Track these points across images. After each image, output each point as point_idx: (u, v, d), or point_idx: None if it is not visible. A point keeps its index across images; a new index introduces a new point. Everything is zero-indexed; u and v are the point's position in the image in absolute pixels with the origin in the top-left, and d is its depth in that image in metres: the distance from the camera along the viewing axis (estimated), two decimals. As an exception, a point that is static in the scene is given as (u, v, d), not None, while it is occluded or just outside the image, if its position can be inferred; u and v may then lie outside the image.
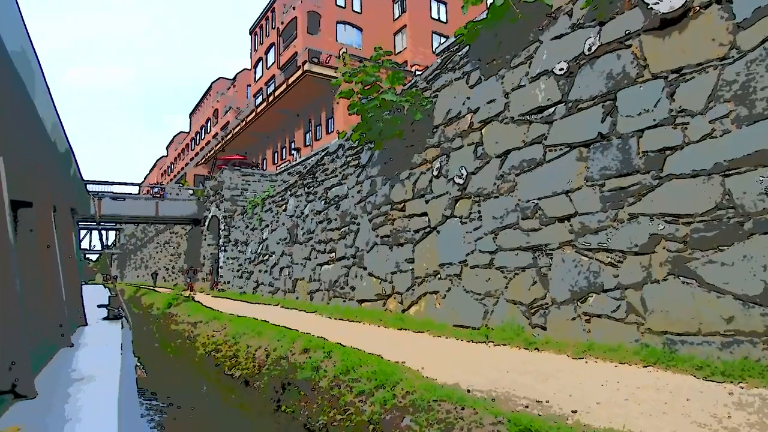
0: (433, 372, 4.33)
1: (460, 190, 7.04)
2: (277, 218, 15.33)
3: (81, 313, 4.37)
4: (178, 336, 11.90)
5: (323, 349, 5.48)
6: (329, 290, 10.93)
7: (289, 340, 6.20)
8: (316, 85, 26.68)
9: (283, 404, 5.20)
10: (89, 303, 4.92)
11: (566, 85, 5.58)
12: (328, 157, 11.99)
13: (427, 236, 7.65)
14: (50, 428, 1.64)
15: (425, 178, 7.89)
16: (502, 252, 6.17)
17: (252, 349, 6.89)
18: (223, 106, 44.97)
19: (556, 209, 5.49)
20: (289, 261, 13.68)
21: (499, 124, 6.50)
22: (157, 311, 16.95)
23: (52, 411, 1.81)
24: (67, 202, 4.09)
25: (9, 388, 1.84)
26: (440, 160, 7.58)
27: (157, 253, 38.92)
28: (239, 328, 8.21)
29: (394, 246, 8.49)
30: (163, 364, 10.66)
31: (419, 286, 7.69)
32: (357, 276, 9.71)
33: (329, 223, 11.33)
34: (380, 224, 9.03)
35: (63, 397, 1.98)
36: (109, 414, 1.81)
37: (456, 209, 7.08)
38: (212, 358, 8.21)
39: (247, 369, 6.47)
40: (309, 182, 13.04)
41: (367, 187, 9.74)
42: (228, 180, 22.15)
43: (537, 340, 5.37)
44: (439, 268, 7.24)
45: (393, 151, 8.93)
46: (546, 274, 5.55)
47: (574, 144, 5.38)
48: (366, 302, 9.30)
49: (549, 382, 3.88)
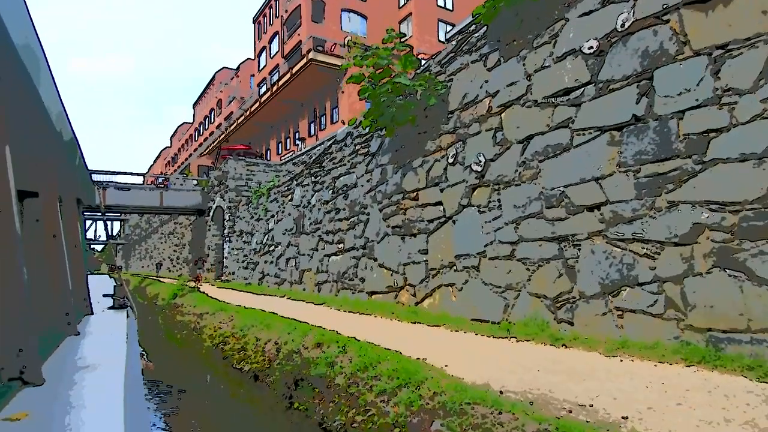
0: (458, 370, 4.05)
1: (477, 177, 6.72)
2: (283, 208, 15.05)
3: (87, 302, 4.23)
4: (184, 327, 11.68)
5: (337, 344, 5.21)
6: (337, 282, 10.66)
7: (300, 333, 5.93)
8: (320, 73, 26.27)
9: (296, 401, 4.94)
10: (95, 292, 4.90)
11: (596, 64, 5.23)
12: (336, 146, 11.67)
13: (441, 226, 7.34)
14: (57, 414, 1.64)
15: (440, 166, 7.56)
16: (524, 243, 5.85)
17: (261, 342, 6.63)
18: (227, 97, 44.53)
19: (585, 197, 5.17)
20: (296, 252, 13.42)
21: (520, 108, 6.15)
22: (162, 302, 16.76)
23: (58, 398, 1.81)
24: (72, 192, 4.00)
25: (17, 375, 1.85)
26: (456, 146, 7.25)
27: (162, 243, 38.78)
28: (247, 320, 7.96)
29: (406, 236, 8.19)
30: (170, 356, 10.45)
31: (434, 278, 7.40)
32: (367, 267, 9.43)
33: (337, 213, 11.03)
34: (391, 214, 8.72)
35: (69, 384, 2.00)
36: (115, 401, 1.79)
37: (473, 198, 6.76)
38: (220, 350, 7.97)
39: (257, 363, 6.21)
40: (316, 171, 12.73)
41: (377, 175, 9.42)
42: (232, 170, 21.84)
43: (564, 336, 5.07)
44: (455, 260, 6.94)
45: (405, 139, 8.60)
46: (573, 266, 5.24)
47: (606, 127, 5.04)
48: (376, 294, 9.03)
49: (587, 383, 3.59)
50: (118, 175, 25.92)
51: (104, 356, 2.57)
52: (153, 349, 11.11)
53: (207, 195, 25.34)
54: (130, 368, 2.36)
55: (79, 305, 3.92)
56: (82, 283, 4.09)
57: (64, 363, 2.39)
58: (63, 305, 3.07)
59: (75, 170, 3.77)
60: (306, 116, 30.10)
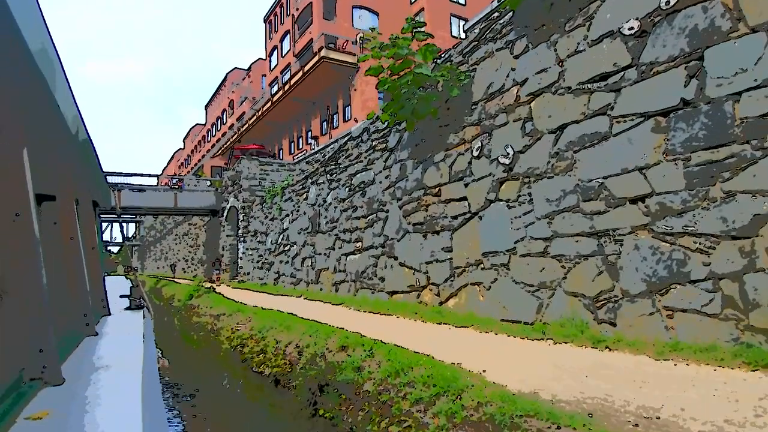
0: (498, 376, 3.75)
1: (505, 171, 6.39)
2: (298, 207, 14.84)
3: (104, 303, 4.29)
4: (201, 329, 11.53)
5: (363, 347, 4.94)
6: (356, 281, 10.40)
7: (323, 335, 5.67)
8: (332, 71, 26.04)
9: (321, 408, 4.68)
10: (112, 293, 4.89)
11: (637, 46, 4.87)
12: (352, 142, 11.40)
13: (467, 223, 7.03)
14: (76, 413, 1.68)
15: (463, 160, 7.24)
16: (558, 238, 5.52)
17: (282, 344, 6.39)
18: (239, 97, 44.57)
19: (627, 188, 4.82)
20: (312, 251, 13.19)
21: (552, 96, 5.81)
22: (178, 303, 16.68)
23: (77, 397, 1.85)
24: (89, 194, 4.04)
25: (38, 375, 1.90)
26: (481, 139, 6.92)
27: (176, 244, 38.97)
28: (266, 322, 7.73)
29: (428, 234, 7.89)
30: (187, 358, 10.29)
31: (459, 277, 7.09)
32: (386, 266, 9.15)
33: (354, 211, 10.76)
34: (412, 211, 8.42)
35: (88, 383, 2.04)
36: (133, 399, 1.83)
37: (501, 192, 6.44)
38: (238, 353, 7.75)
39: (278, 366, 5.97)
40: (331, 169, 12.48)
41: (396, 171, 9.13)
42: (246, 170, 21.72)
43: (606, 338, 4.73)
44: (482, 258, 6.63)
45: (425, 132, 8.29)
46: (615, 263, 4.90)
47: (650, 113, 4.68)
48: (397, 294, 8.74)
49: (644, 391, 3.26)
50: (132, 176, 25.98)
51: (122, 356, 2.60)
52: (170, 351, 10.97)
53: (221, 195, 25.30)
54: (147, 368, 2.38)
55: (97, 306, 3.95)
56: (99, 284, 4.11)
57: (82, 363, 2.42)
58: (81, 306, 3.10)
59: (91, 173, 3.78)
60: (318, 115, 29.91)
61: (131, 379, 2.12)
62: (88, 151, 3.34)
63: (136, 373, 2.20)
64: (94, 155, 3.58)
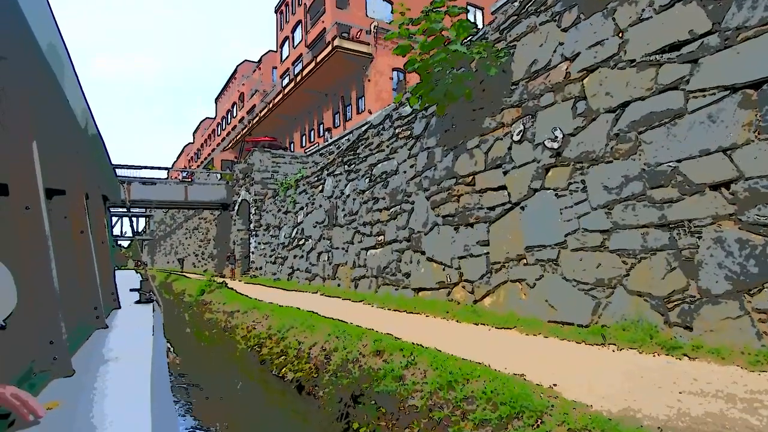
0: (573, 391, 3.16)
1: (553, 156, 5.76)
2: (313, 200, 14.29)
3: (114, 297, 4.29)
4: (213, 326, 11.05)
5: (402, 352, 4.37)
6: (377, 277, 9.83)
7: (353, 337, 5.11)
8: (346, 61, 25.43)
9: (355, 422, 4.12)
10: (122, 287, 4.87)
11: (719, 9, 4.22)
12: (372, 131, 10.80)
13: (506, 214, 6.42)
14: (86, 404, 1.65)
15: (502, 145, 6.62)
16: (619, 231, 4.89)
17: (305, 346, 5.84)
18: (249, 90, 44.12)
19: (708, 173, 4.18)
20: (329, 245, 12.64)
21: (610, 71, 5.17)
22: (189, 298, 16.26)
23: (87, 388, 1.85)
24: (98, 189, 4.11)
25: (48, 367, 1.91)
26: (522, 121, 6.30)
27: (187, 239, 38.71)
28: (285, 320, 7.19)
29: (460, 226, 7.29)
30: (200, 358, 9.80)
31: (496, 273, 6.48)
32: (412, 261, 8.57)
33: (376, 203, 10.18)
34: (441, 202, 7.82)
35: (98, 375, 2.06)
36: (142, 391, 1.81)
37: (548, 180, 5.81)
38: (255, 353, 7.23)
39: (301, 371, 5.42)
40: (350, 159, 11.90)
41: (422, 160, 8.52)
42: (258, 162, 21.22)
43: (682, 345, 4.12)
44: (525, 252, 6.02)
45: (456, 117, 7.68)
46: (691, 258, 4.27)
47: (737, 85, 4.03)
48: (424, 291, 8.16)
49: (762, 413, 2.66)
50: (142, 169, 25.65)
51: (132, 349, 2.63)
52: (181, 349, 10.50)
53: (231, 189, 24.85)
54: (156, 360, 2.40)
55: (107, 299, 3.95)
56: (109, 278, 4.11)
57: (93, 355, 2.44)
58: (92, 299, 3.14)
59: (100, 167, 3.78)
60: (331, 107, 29.33)
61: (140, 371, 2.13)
62: (98, 146, 3.32)
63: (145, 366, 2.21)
64: (104, 150, 3.57)
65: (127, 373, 2.12)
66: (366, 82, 26.00)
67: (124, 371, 2.16)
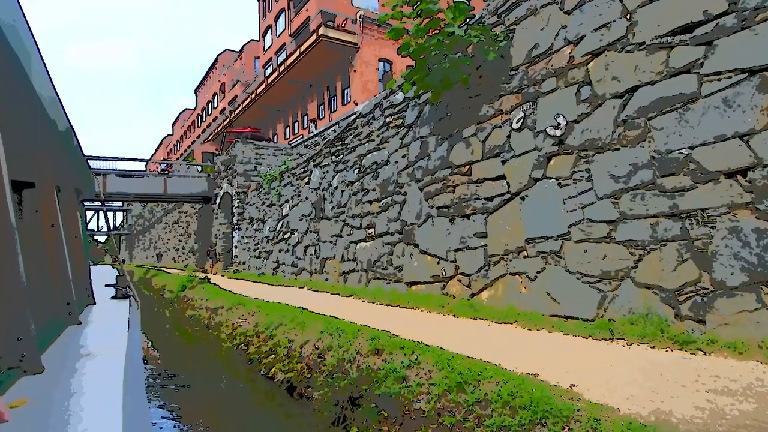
0: (594, 392, 2.93)
1: (556, 144, 5.54)
2: (299, 192, 13.90)
3: (89, 292, 4.23)
4: (196, 323, 10.63)
5: (402, 351, 4.10)
6: (368, 271, 9.54)
7: (348, 335, 4.82)
8: (331, 51, 24.91)
9: (354, 427, 3.83)
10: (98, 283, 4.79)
11: (736, -12, 4.01)
12: (361, 120, 10.47)
13: (505, 204, 6.18)
14: (56, 401, 1.64)
15: (500, 134, 6.38)
16: (627, 221, 4.70)
17: (296, 344, 5.53)
18: (230, 80, 43.11)
19: (723, 160, 4.00)
20: (316, 239, 12.30)
21: (617, 55, 4.95)
22: (170, 294, 15.74)
23: (58, 385, 1.81)
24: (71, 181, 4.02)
25: (16, 363, 1.87)
26: (522, 108, 6.06)
27: (166, 233, 37.77)
28: (273, 317, 6.86)
29: (456, 218, 7.04)
30: (183, 358, 9.39)
31: (495, 266, 6.26)
32: (405, 254, 8.30)
33: (365, 195, 9.87)
34: (436, 193, 7.56)
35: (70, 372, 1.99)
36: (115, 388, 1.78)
37: (550, 169, 5.59)
38: (241, 351, 6.88)
39: (293, 371, 5.11)
40: (338, 150, 11.55)
41: (415, 150, 8.24)
42: (240, 154, 20.65)
43: (695, 339, 3.94)
44: (526, 244, 5.80)
45: (451, 105, 7.40)
46: (704, 249, 4.09)
47: (755, 68, 3.84)
48: (417, 285, 7.91)
49: (805, 416, 2.47)
50: (119, 161, 24.77)
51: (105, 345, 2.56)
52: (162, 348, 10.07)
53: (213, 181, 24.19)
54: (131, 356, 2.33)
55: (81, 295, 3.88)
56: (83, 273, 4.03)
57: (64, 351, 2.39)
58: (64, 295, 3.06)
59: (72, 160, 3.69)
60: (315, 98, 28.79)
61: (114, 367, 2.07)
62: (69, 137, 3.23)
63: (119, 362, 2.14)
64: (75, 141, 3.47)
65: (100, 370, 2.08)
66: (351, 72, 25.54)
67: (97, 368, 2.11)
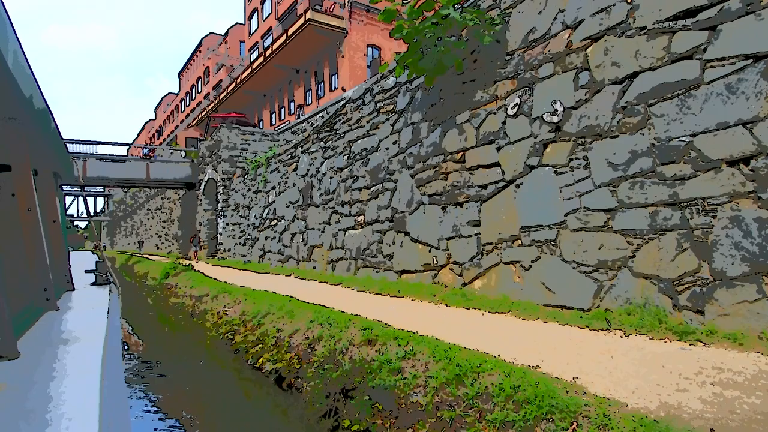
0: (597, 385, 2.84)
1: (552, 131, 5.42)
2: (286, 179, 13.64)
3: (68, 278, 4.17)
4: (180, 311, 10.39)
5: (397, 341, 3.97)
6: (357, 259, 9.40)
7: (339, 324, 4.68)
8: (319, 36, 24.40)
9: (346, 419, 3.71)
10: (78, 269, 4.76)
11: (743, -30, 3.90)
12: (351, 105, 10.23)
13: (499, 192, 6.07)
14: (33, 386, 1.63)
15: (495, 120, 6.24)
16: (625, 210, 4.61)
17: (284, 334, 5.37)
18: (215, 64, 42.11)
19: (725, 148, 3.91)
20: (303, 226, 12.09)
21: (617, 40, 4.82)
22: (153, 281, 15.41)
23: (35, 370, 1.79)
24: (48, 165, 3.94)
25: None
26: (518, 94, 5.92)
27: (148, 219, 37.07)
28: (260, 305, 6.68)
29: (449, 206, 6.91)
30: (166, 347, 9.16)
31: (488, 255, 6.16)
32: (395, 242, 8.16)
33: (355, 182, 9.68)
34: (428, 180, 7.41)
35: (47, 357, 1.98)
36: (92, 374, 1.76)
37: (546, 156, 5.48)
38: (227, 341, 6.70)
39: (282, 361, 4.96)
40: (326, 136, 11.30)
41: (407, 136, 8.06)
42: (226, 139, 20.20)
43: (694, 329, 3.89)
44: (521, 233, 5.70)
45: (445, 90, 7.23)
46: (704, 239, 4.03)
47: (760, 54, 3.75)
48: (408, 273, 7.79)
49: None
50: (100, 145, 24.08)
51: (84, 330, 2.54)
52: (144, 337, 9.82)
53: (197, 167, 23.69)
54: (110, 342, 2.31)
55: (60, 281, 3.82)
56: (62, 258, 3.96)
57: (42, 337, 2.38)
58: (41, 280, 3.03)
59: (50, 142, 3.59)
60: (302, 84, 28.27)
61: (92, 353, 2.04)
62: (46, 120, 3.12)
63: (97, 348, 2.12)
64: (53, 124, 3.36)
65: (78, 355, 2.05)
66: (339, 58, 25.09)
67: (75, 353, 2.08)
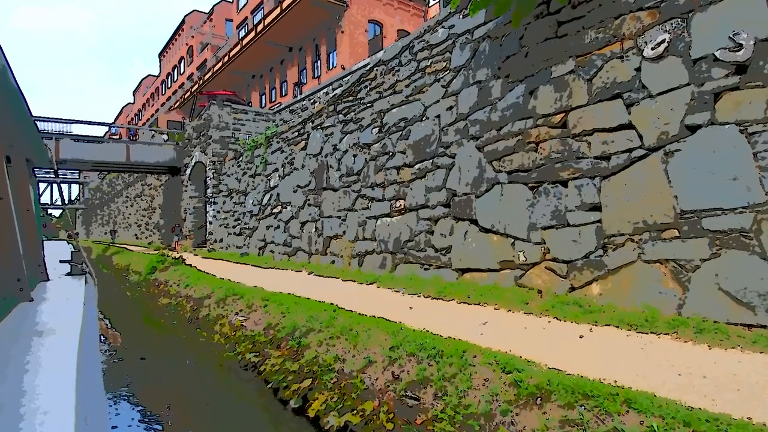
0: None
1: (732, 73, 3.79)
2: (292, 160, 11.81)
3: (42, 269, 3.76)
4: (174, 315, 8.53)
5: (572, 396, 2.31)
6: (394, 253, 7.69)
7: (451, 357, 2.98)
8: (316, 9, 22.44)
9: None
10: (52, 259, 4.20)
11: None
12: (382, 68, 8.47)
13: (634, 164, 4.43)
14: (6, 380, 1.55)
15: (622, 67, 4.58)
16: None
17: (349, 366, 3.64)
18: (199, 43, 39.46)
19: None
20: (317, 213, 10.30)
21: None
22: (136, 277, 13.43)
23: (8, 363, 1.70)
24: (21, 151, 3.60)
25: None
26: (664, 28, 4.27)
27: (127, 207, 34.58)
28: (296, 317, 4.94)
29: (543, 185, 5.25)
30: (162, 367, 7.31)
31: (617, 250, 4.53)
32: (454, 232, 6.48)
33: (390, 159, 7.95)
34: (505, 152, 5.75)
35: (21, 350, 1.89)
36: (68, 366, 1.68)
37: (720, 111, 3.85)
38: (249, 366, 4.94)
39: (355, 412, 3.25)
40: (347, 107, 9.51)
41: (469, 98, 6.36)
42: (216, 118, 18.14)
43: None
44: (679, 219, 4.08)
45: (528, 37, 5.56)
46: None
47: None
48: (474, 272, 6.13)
49: None
50: (75, 124, 21.71)
51: (59, 321, 2.45)
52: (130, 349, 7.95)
53: (182, 150, 21.53)
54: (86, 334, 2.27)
55: (33, 271, 3.66)
56: (36, 248, 3.79)
57: (15, 328, 2.30)
58: (14, 271, 2.88)
59: (22, 127, 3.35)
60: (296, 63, 26.22)
61: (67, 345, 1.98)
62: (18, 104, 2.89)
63: (73, 340, 2.06)
64: (25, 108, 3.07)
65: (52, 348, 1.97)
66: (339, 34, 23.13)
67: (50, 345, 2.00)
